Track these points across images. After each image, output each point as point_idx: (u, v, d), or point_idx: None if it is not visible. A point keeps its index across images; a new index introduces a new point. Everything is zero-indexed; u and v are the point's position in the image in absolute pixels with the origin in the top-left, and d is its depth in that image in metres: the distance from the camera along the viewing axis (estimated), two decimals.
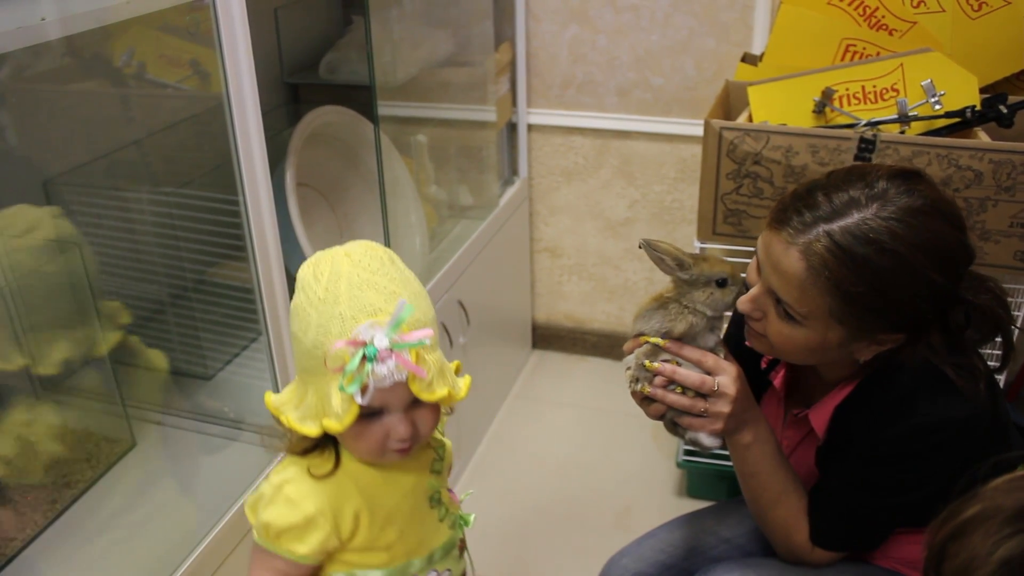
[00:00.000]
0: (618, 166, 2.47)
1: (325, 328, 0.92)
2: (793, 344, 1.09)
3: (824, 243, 1.01)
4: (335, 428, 0.91)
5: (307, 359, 0.94)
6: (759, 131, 1.59)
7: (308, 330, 0.93)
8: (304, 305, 0.94)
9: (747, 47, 2.19)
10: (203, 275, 1.64)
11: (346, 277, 0.93)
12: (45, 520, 1.30)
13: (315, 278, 0.95)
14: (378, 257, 0.97)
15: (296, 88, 2.10)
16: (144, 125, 1.66)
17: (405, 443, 0.96)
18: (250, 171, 1.28)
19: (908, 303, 1.02)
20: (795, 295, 1.04)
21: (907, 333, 1.06)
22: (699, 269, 1.14)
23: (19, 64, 1.43)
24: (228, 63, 1.21)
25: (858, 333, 1.06)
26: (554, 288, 2.73)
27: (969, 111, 1.60)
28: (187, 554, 1.26)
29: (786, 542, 1.19)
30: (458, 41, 2.20)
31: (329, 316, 0.92)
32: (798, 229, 1.03)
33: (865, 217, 1.00)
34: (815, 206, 1.03)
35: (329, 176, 1.92)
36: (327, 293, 0.93)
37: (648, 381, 1.14)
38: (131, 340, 1.54)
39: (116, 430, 1.47)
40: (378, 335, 0.88)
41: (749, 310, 1.11)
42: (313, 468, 0.99)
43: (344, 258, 0.96)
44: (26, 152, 1.52)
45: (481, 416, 2.39)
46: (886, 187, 1.02)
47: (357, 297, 0.92)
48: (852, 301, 1.01)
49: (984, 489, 0.70)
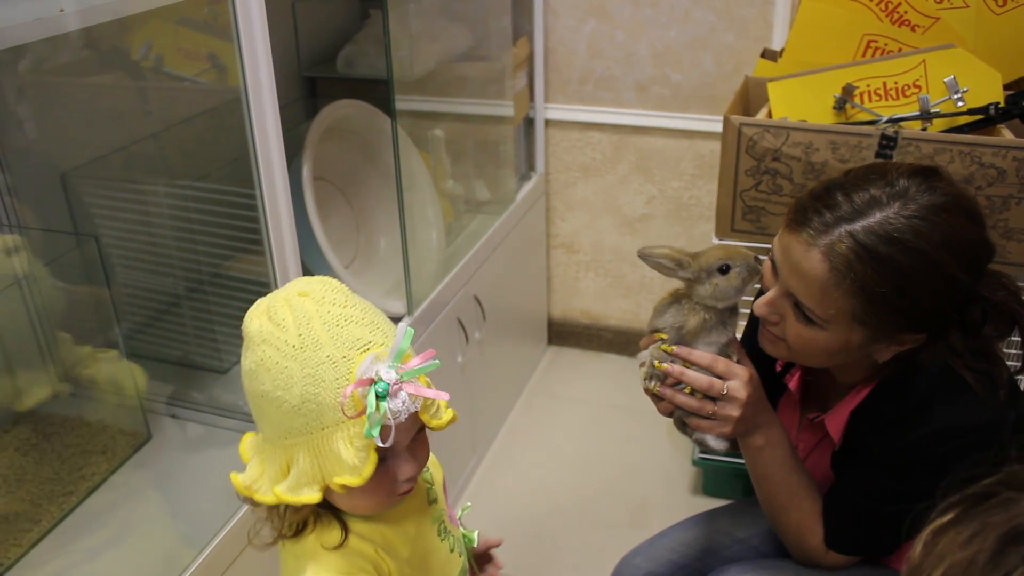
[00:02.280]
0: (636, 162, 2.46)
1: (315, 377, 0.82)
2: (813, 347, 1.08)
3: (848, 244, 0.99)
4: (354, 482, 0.82)
5: (293, 418, 0.83)
6: (779, 127, 1.57)
7: (291, 386, 0.83)
8: (275, 359, 0.84)
9: (767, 43, 2.17)
10: (219, 268, 1.64)
11: (317, 317, 0.84)
12: (61, 512, 1.30)
13: (278, 326, 0.84)
14: (338, 289, 0.88)
15: (313, 82, 2.10)
16: (161, 118, 1.67)
17: (412, 482, 0.90)
18: (267, 165, 1.28)
19: (931, 301, 1.01)
20: (817, 298, 1.02)
21: (928, 333, 1.04)
22: (697, 264, 1.13)
23: (38, 57, 1.44)
24: (246, 56, 1.20)
25: (880, 334, 1.04)
26: (570, 284, 2.72)
27: (992, 108, 1.58)
28: (203, 546, 1.26)
29: (800, 545, 1.18)
30: (476, 36, 2.19)
31: (315, 363, 0.82)
32: (819, 230, 1.01)
33: (888, 216, 0.99)
34: (835, 206, 1.01)
35: (346, 170, 1.91)
36: (302, 339, 0.83)
37: (659, 380, 1.14)
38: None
39: (132, 423, 1.47)
40: (383, 369, 0.81)
41: (766, 314, 1.10)
42: (325, 542, 0.90)
43: (302, 299, 0.86)
44: (44, 144, 1.53)
45: (496, 412, 2.39)
46: (907, 185, 1.01)
47: (339, 335, 0.84)
48: (876, 302, 1.00)
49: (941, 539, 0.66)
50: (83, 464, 1.38)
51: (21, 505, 1.29)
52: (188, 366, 1.65)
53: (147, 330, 1.66)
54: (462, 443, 2.16)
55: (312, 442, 0.84)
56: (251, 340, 0.86)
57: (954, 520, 0.65)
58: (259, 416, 0.88)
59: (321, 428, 0.83)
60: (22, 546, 1.24)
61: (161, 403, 1.56)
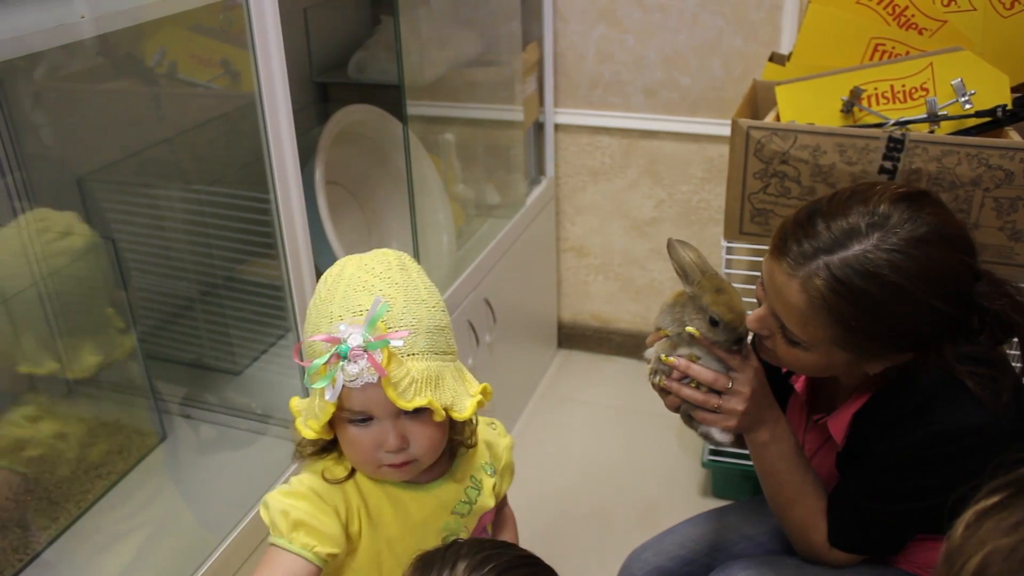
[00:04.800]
0: (645, 166, 2.47)
1: (315, 326, 0.92)
2: (800, 364, 1.11)
3: (823, 276, 0.99)
4: (313, 426, 0.91)
5: (309, 354, 0.93)
6: (787, 130, 1.58)
7: (308, 327, 0.94)
8: (314, 300, 0.95)
9: (775, 47, 2.18)
10: (233, 272, 1.66)
11: (347, 279, 0.93)
12: (78, 510, 1.32)
13: (324, 280, 0.96)
14: (386, 262, 0.96)
15: (325, 87, 2.12)
16: (175, 123, 1.69)
17: (397, 457, 0.94)
18: (281, 169, 1.30)
19: (911, 329, 1.02)
20: (798, 325, 1.04)
21: (914, 351, 1.05)
22: (701, 291, 1.12)
23: (55, 64, 1.46)
24: (260, 62, 1.22)
25: (863, 356, 1.06)
26: (580, 288, 2.73)
27: (1000, 110, 1.59)
28: (216, 546, 1.28)
29: (804, 541, 1.19)
30: (486, 41, 2.21)
31: (320, 315, 0.92)
32: (798, 261, 1.01)
33: (866, 249, 0.99)
34: (815, 235, 1.01)
35: (357, 174, 1.93)
36: (328, 294, 0.93)
37: (665, 374, 1.15)
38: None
39: (147, 423, 1.49)
40: (354, 334, 0.87)
41: (757, 328, 1.12)
42: (327, 472, 0.98)
43: (355, 261, 0.96)
44: (61, 150, 1.55)
45: (506, 415, 2.40)
46: (888, 212, 1.00)
47: (350, 297, 0.91)
48: (853, 331, 1.01)
49: (985, 522, 0.65)
50: (99, 463, 1.40)
51: (38, 504, 1.31)
52: (202, 368, 1.67)
53: (162, 332, 1.68)
54: None
55: (312, 383, 0.92)
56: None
57: (999, 504, 0.64)
58: None
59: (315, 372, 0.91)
60: (40, 543, 1.26)
61: (176, 404, 1.57)
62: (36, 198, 1.46)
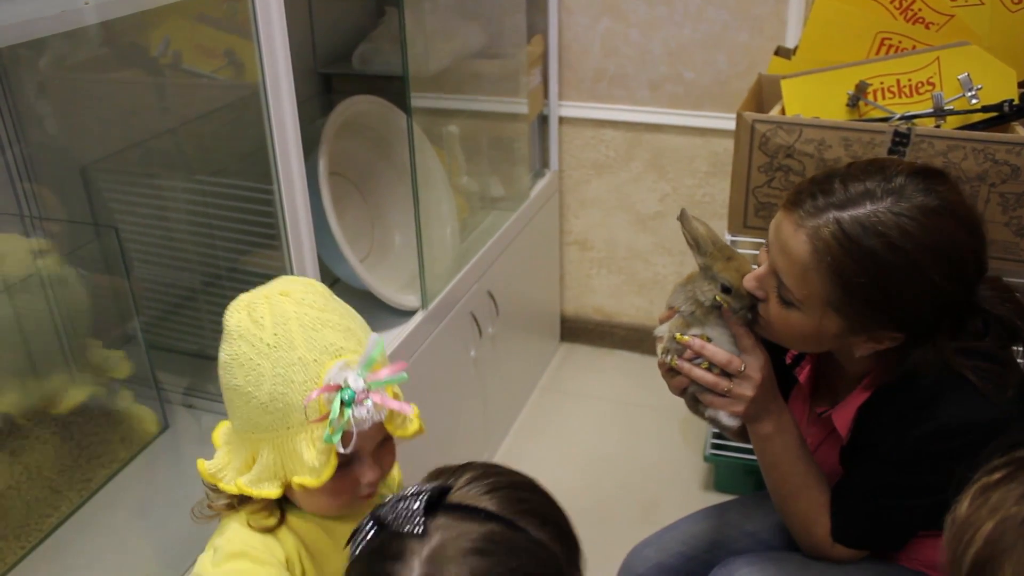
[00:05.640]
0: (649, 159, 2.47)
1: (285, 377, 0.84)
2: (789, 329, 1.09)
3: (831, 229, 1.00)
4: (312, 484, 0.84)
5: (261, 415, 0.85)
6: (792, 124, 1.58)
7: (261, 383, 0.84)
8: (248, 355, 0.85)
9: (780, 40, 2.18)
10: (235, 262, 1.66)
11: (295, 319, 0.85)
12: (80, 498, 1.32)
13: (255, 323, 0.86)
14: (320, 292, 0.90)
15: (329, 78, 2.11)
16: (179, 114, 1.69)
17: (373, 487, 0.91)
18: (284, 159, 1.29)
19: (908, 302, 1.02)
20: (796, 277, 1.04)
21: (907, 334, 1.05)
22: (712, 260, 1.13)
23: (60, 53, 1.46)
24: (264, 53, 1.22)
25: (856, 326, 1.05)
26: (583, 281, 2.73)
27: (1007, 105, 1.58)
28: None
29: (807, 535, 1.18)
30: (490, 33, 2.20)
31: (287, 364, 0.84)
32: (809, 212, 1.02)
33: (877, 209, 0.99)
34: (830, 192, 1.02)
35: (361, 165, 1.93)
36: (277, 339, 0.84)
37: (677, 353, 1.14)
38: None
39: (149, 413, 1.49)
40: (351, 377, 0.82)
41: (753, 288, 1.11)
42: (253, 522, 0.91)
43: (283, 299, 0.88)
44: (65, 139, 1.55)
45: (508, 407, 2.40)
46: (904, 183, 1.01)
47: (314, 339, 0.85)
48: (851, 291, 1.01)
49: (992, 494, 0.67)
50: (101, 452, 1.40)
51: (41, 491, 1.31)
52: (204, 358, 1.66)
53: (164, 322, 1.68)
54: (474, 438, 2.18)
55: (277, 440, 0.85)
56: (229, 334, 0.88)
57: (1006, 478, 0.66)
58: (230, 408, 0.90)
59: (287, 427, 0.84)
60: (42, 530, 1.26)
61: (178, 393, 1.58)
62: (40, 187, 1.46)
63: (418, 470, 1.10)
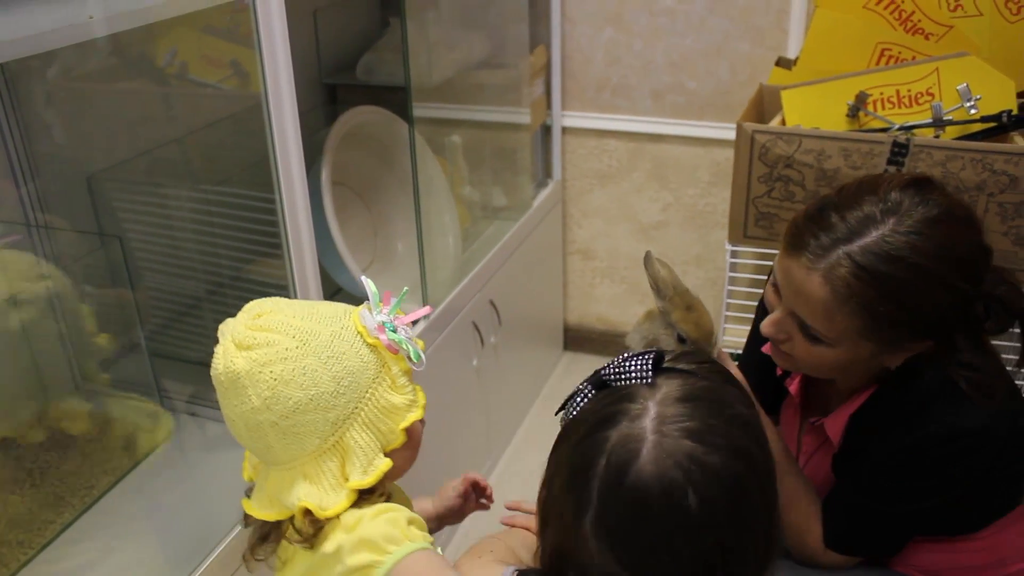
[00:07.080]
0: (651, 169, 2.48)
1: (333, 355, 0.86)
2: (823, 363, 1.09)
3: (847, 266, 0.99)
4: (420, 414, 0.91)
5: (334, 404, 0.86)
6: (791, 134, 1.59)
7: (319, 377, 0.85)
8: (287, 368, 0.85)
9: (782, 51, 2.19)
10: (239, 271, 1.67)
11: (292, 315, 0.88)
12: (83, 505, 1.33)
13: (268, 344, 0.85)
14: (271, 298, 0.93)
15: (334, 89, 2.13)
16: (184, 123, 1.70)
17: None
18: (286, 169, 1.31)
19: (934, 311, 1.02)
20: (822, 319, 1.03)
21: (935, 338, 1.05)
22: (672, 306, 1.12)
23: (66, 64, 1.47)
24: (267, 64, 1.23)
25: (886, 346, 1.05)
26: (586, 290, 2.73)
27: (1005, 115, 1.59)
28: (219, 542, 1.29)
29: (800, 545, 1.19)
30: (493, 44, 2.22)
31: (325, 345, 0.86)
32: (816, 253, 1.01)
33: (883, 234, 0.99)
34: (830, 228, 1.01)
35: (364, 175, 1.94)
36: (298, 335, 0.86)
37: None
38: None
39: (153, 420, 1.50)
40: (380, 315, 0.90)
41: (773, 334, 1.10)
42: (366, 510, 0.90)
43: (265, 316, 0.88)
44: (71, 148, 1.57)
45: (511, 416, 2.41)
46: (900, 198, 1.01)
47: (322, 314, 0.89)
48: (880, 319, 1.01)
49: None
50: (105, 460, 1.41)
51: (45, 498, 1.32)
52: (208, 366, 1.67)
53: (168, 331, 1.69)
54: (476, 447, 2.18)
55: (362, 412, 0.87)
56: (244, 377, 0.85)
57: None
58: (292, 438, 0.86)
59: (364, 393, 0.87)
60: (45, 537, 1.27)
61: (182, 402, 1.58)
62: (46, 196, 1.47)
63: (418, 480, 1.11)
